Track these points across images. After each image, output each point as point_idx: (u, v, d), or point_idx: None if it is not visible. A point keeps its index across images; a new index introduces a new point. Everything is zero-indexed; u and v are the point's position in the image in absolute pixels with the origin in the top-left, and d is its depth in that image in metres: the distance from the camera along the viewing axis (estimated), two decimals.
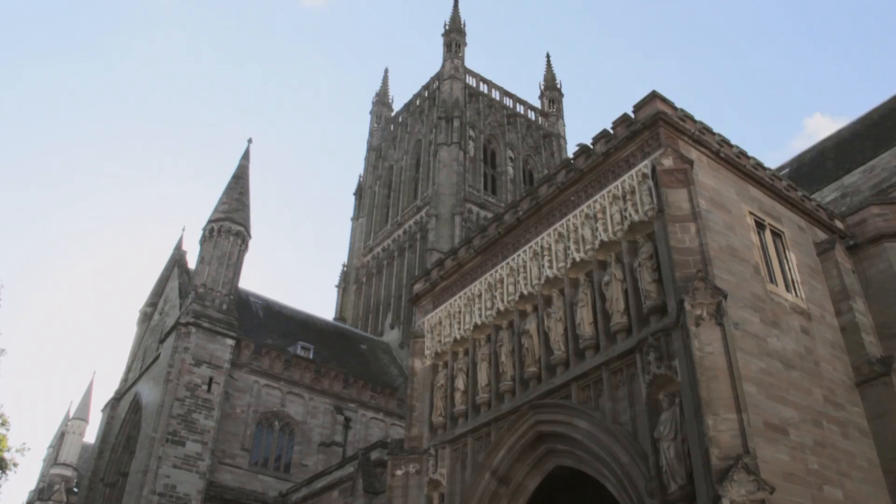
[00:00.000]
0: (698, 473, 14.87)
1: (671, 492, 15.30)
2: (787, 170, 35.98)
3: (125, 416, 44.91)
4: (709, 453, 14.16)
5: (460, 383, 23.14)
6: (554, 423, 19.58)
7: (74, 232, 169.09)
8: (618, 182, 19.96)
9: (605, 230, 19.86)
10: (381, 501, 25.84)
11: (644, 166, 19.20)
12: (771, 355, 17.33)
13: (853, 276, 21.48)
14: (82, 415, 69.40)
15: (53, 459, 68.41)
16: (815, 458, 16.63)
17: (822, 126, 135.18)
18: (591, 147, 21.34)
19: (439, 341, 24.57)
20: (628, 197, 19.43)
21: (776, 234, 20.54)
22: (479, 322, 23.23)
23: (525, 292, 21.91)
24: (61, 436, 69.25)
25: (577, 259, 20.48)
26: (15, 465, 37.98)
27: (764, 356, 17.10)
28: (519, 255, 22.62)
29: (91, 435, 59.99)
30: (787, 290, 19.56)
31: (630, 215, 19.19)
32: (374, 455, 29.46)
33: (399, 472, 23.30)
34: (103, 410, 48.90)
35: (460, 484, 21.78)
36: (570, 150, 46.37)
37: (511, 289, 22.46)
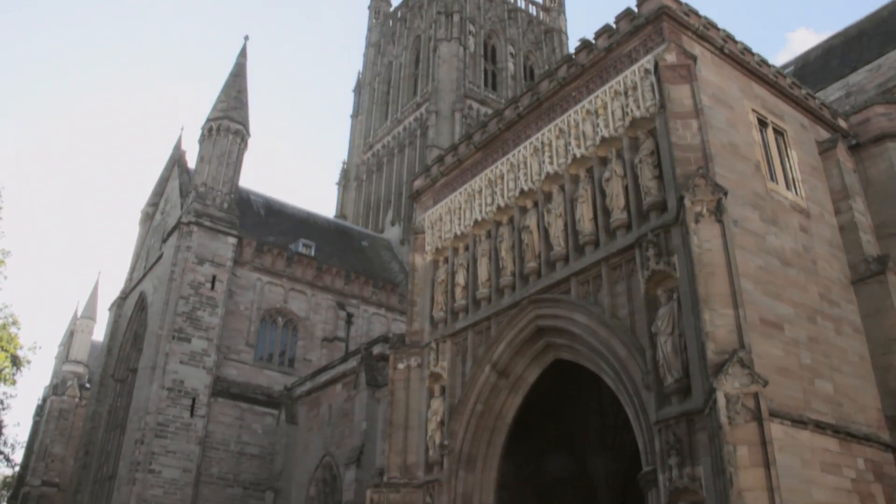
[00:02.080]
0: (694, 367, 15.24)
1: (667, 385, 15.70)
2: (791, 67, 35.39)
3: (131, 314, 45.60)
4: (705, 347, 14.46)
5: (461, 278, 23.41)
6: (553, 318, 19.92)
7: (74, 132, 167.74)
8: (620, 78, 19.72)
9: (606, 126, 19.75)
10: (384, 394, 26.49)
11: (647, 62, 18.94)
12: (769, 253, 17.48)
13: (854, 175, 21.44)
14: (90, 314, 70.37)
15: (65, 357, 69.76)
16: (808, 354, 16.99)
17: (806, 41, 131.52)
18: (593, 42, 20.99)
19: (440, 237, 24.73)
20: (630, 93, 19.23)
21: (778, 132, 20.41)
22: (479, 218, 23.34)
23: (525, 188, 21.93)
24: (70, 334, 70.40)
25: (578, 155, 20.43)
26: (28, 362, 38.84)
27: (762, 253, 17.26)
28: (519, 151, 22.55)
29: (99, 333, 61.08)
30: (788, 188, 19.57)
31: (631, 111, 19.04)
32: (377, 349, 30.03)
33: (401, 366, 23.82)
34: (110, 309, 49.62)
35: (461, 377, 22.31)
36: (572, 46, 45.58)
37: (511, 185, 22.47)
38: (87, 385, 62.60)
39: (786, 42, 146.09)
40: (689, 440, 14.92)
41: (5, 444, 54.45)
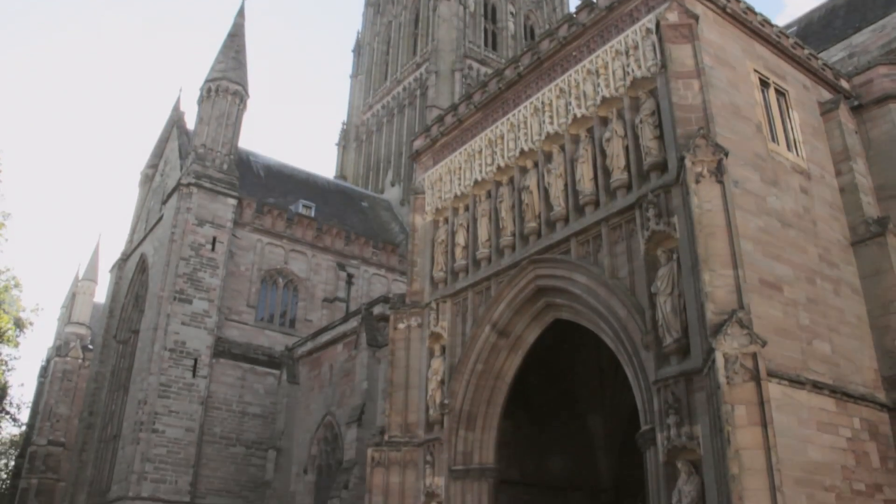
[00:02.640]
0: (693, 327, 15.33)
1: (666, 345, 15.80)
2: (794, 28, 35.03)
3: (132, 276, 45.72)
4: (704, 308, 14.53)
5: (461, 239, 23.44)
6: (553, 278, 19.99)
7: (72, 94, 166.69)
8: (621, 37, 19.57)
9: (607, 86, 19.63)
10: (384, 354, 26.66)
11: (648, 21, 18.78)
12: (769, 214, 17.47)
13: (855, 136, 21.34)
14: (91, 276, 70.50)
15: (67, 319, 70.02)
16: (806, 314, 17.07)
17: (803, 5, 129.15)
18: (595, 1, 20.79)
19: (440, 197, 24.72)
20: (631, 52, 19.10)
21: (780, 93, 20.27)
22: (479, 178, 23.30)
23: (525, 148, 21.88)
24: (72, 297, 70.58)
25: (578, 115, 20.35)
26: (31, 324, 39.19)
27: (762, 214, 17.25)
28: (519, 111, 22.45)
29: (101, 295, 61.24)
30: (789, 149, 19.50)
31: (632, 71, 18.93)
32: (377, 310, 30.15)
33: (401, 326, 23.95)
34: (111, 271, 49.73)
35: (461, 337, 22.45)
36: (573, 5, 45.16)
37: (511, 145, 22.41)
38: (90, 346, 62.99)
39: (784, 7, 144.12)
40: (687, 399, 15.05)
41: (11, 404, 55.05)
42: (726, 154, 15.82)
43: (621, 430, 25.88)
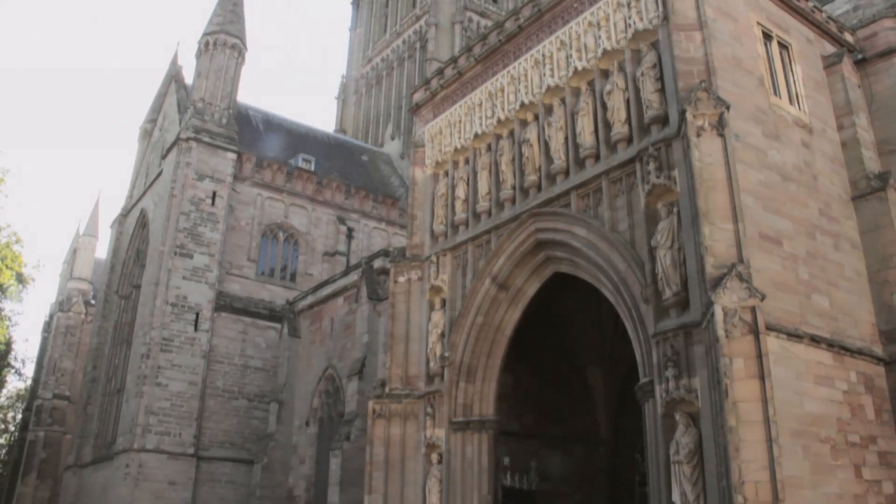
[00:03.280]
0: (693, 281, 15.38)
1: (666, 298, 15.87)
2: None
3: (133, 231, 45.75)
4: (704, 261, 14.57)
5: (461, 192, 23.41)
6: (553, 231, 20.01)
7: (70, 48, 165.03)
8: None
9: (609, 38, 19.44)
10: (385, 308, 26.78)
11: None
12: (770, 168, 17.41)
13: (858, 90, 21.13)
14: (92, 232, 70.47)
15: (69, 275, 70.19)
16: (805, 269, 17.10)
17: None
18: None
19: (440, 150, 24.63)
20: (633, 4, 18.85)
21: (783, 46, 20.05)
22: (479, 131, 23.19)
23: (526, 101, 21.74)
24: (73, 252, 70.65)
25: (579, 67, 20.18)
26: (33, 280, 39.35)
27: (763, 168, 17.19)
28: (520, 64, 22.26)
29: (102, 250, 61.26)
30: (791, 103, 19.34)
31: (634, 23, 18.71)
32: (377, 263, 30.22)
33: (401, 279, 24.03)
34: (112, 227, 49.74)
35: (461, 290, 22.54)
36: None
37: (512, 97, 22.26)
38: (92, 301, 63.23)
39: None
40: (686, 353, 15.16)
41: (15, 359, 55.60)
42: (728, 107, 15.73)
43: (620, 382, 26.12)
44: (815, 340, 16.17)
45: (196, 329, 37.10)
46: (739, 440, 12.85)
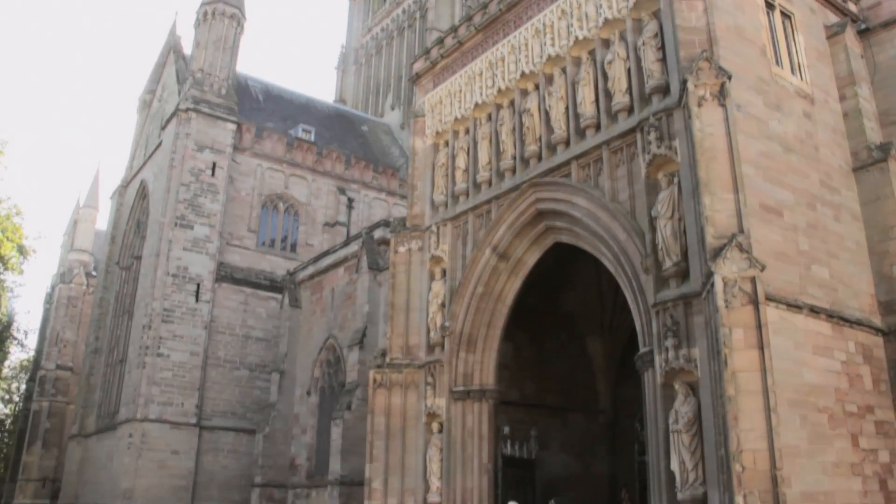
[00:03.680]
0: (693, 251, 15.39)
1: (666, 268, 15.88)
2: None
3: (133, 202, 45.73)
4: (704, 232, 14.57)
5: (461, 162, 23.35)
6: (553, 201, 19.98)
7: (68, 18, 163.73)
8: None
9: (610, 7, 19.25)
10: (385, 278, 26.84)
11: None
12: (771, 138, 17.33)
13: (861, 61, 20.95)
14: (92, 203, 70.39)
15: (69, 246, 70.22)
16: (806, 240, 17.09)
17: None
18: None
19: (440, 120, 24.53)
20: None
21: (786, 16, 19.85)
22: (479, 101, 23.08)
23: (526, 70, 21.61)
24: (74, 224, 70.63)
25: (580, 37, 20.03)
26: (34, 251, 39.33)
27: (764, 139, 17.11)
28: (520, 33, 22.10)
29: (102, 222, 61.28)
30: (793, 73, 19.20)
31: None
32: (378, 233, 30.23)
33: (402, 249, 24.05)
34: (112, 198, 49.74)
35: (461, 260, 22.57)
36: None
37: (512, 67, 22.13)
38: (94, 273, 63.34)
39: None
40: (685, 322, 15.21)
41: (18, 330, 55.79)
42: (729, 77, 15.64)
43: (620, 352, 26.26)
44: (814, 311, 16.21)
45: (197, 300, 37.23)
46: (738, 409, 12.93)
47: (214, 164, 39.29)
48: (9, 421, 79.77)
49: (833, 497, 15.06)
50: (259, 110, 45.93)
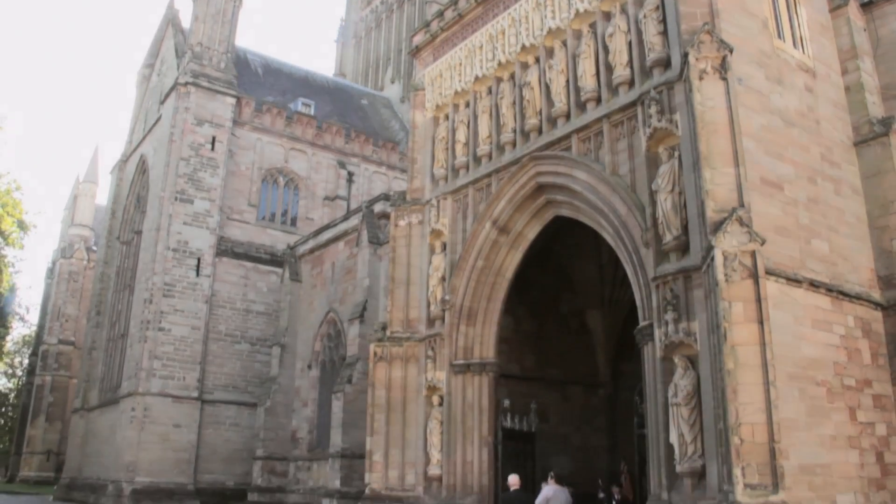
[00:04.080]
0: (693, 225, 15.37)
1: (666, 242, 15.88)
2: None
3: (133, 177, 45.64)
4: (704, 205, 14.55)
5: (461, 135, 23.27)
6: (554, 175, 19.94)
7: None
8: None
9: None
10: (386, 251, 26.84)
11: None
12: (772, 112, 17.25)
13: (864, 34, 20.77)
14: (92, 178, 70.38)
15: (70, 221, 70.34)
16: (806, 214, 17.07)
17: None
18: None
19: (440, 93, 24.42)
20: None
21: None
22: (479, 74, 22.96)
23: (527, 43, 21.48)
24: (74, 199, 70.68)
25: (581, 10, 19.88)
26: (34, 226, 39.37)
27: (765, 113, 17.03)
28: (521, 5, 21.92)
29: (102, 197, 61.27)
30: (795, 46, 19.05)
31: None
32: (378, 207, 30.20)
33: (402, 223, 24.05)
34: (112, 173, 49.62)
35: (461, 233, 22.57)
36: None
37: (512, 40, 21.99)
38: (94, 247, 63.47)
39: None
40: (685, 296, 15.23)
41: (20, 305, 55.97)
42: (731, 50, 15.55)
43: (620, 326, 26.32)
44: (814, 285, 16.23)
45: (198, 274, 37.29)
46: (737, 383, 12.99)
47: (214, 139, 39.18)
48: (12, 395, 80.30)
49: (830, 469, 15.18)
50: (258, 84, 45.72)
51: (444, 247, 22.82)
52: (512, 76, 22.02)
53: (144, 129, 45.56)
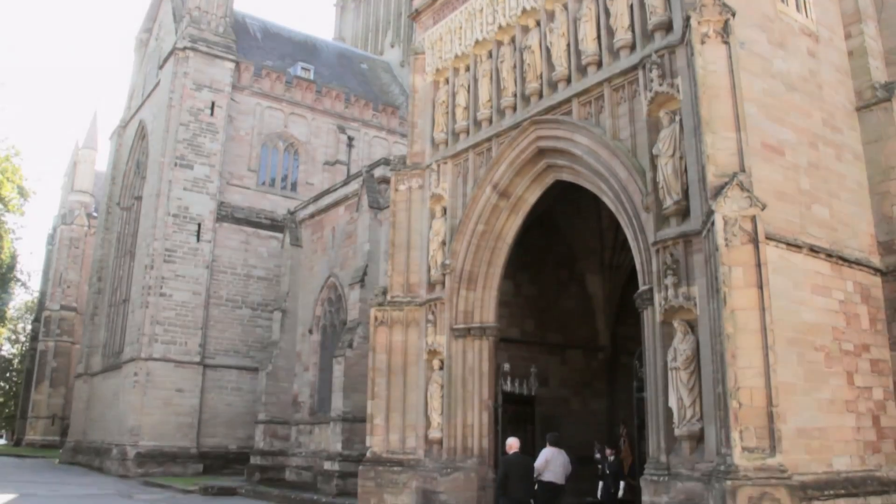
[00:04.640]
0: (694, 189, 15.34)
1: (666, 206, 15.85)
2: None
3: (132, 142, 45.55)
4: (705, 170, 14.50)
5: (461, 99, 23.14)
6: (554, 139, 19.85)
7: None
8: None
9: None
10: (386, 216, 26.83)
11: None
12: (774, 77, 17.13)
13: None
14: (91, 144, 70.24)
15: (70, 187, 70.35)
16: (807, 179, 17.02)
17: None
18: None
19: (440, 57, 24.23)
20: None
21: None
22: (480, 37, 22.75)
23: (527, 6, 21.25)
24: (74, 165, 70.64)
25: None
26: (34, 192, 39.40)
27: (767, 77, 16.92)
28: None
29: (102, 163, 61.17)
30: (798, 10, 18.84)
31: None
32: (378, 172, 30.12)
33: (402, 188, 24.00)
34: (111, 139, 49.53)
35: (462, 198, 22.53)
36: None
37: (513, 3, 21.75)
38: (95, 213, 63.53)
39: None
40: (685, 261, 15.25)
41: (21, 271, 56.15)
42: (733, 14, 15.38)
43: (620, 290, 26.39)
44: (813, 250, 16.25)
45: (198, 240, 37.38)
46: (736, 347, 13.04)
47: (213, 104, 39.05)
48: (16, 360, 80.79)
49: (827, 433, 15.31)
50: (257, 48, 45.44)
51: (444, 211, 22.80)
52: (512, 40, 21.84)
53: (143, 94, 45.36)
